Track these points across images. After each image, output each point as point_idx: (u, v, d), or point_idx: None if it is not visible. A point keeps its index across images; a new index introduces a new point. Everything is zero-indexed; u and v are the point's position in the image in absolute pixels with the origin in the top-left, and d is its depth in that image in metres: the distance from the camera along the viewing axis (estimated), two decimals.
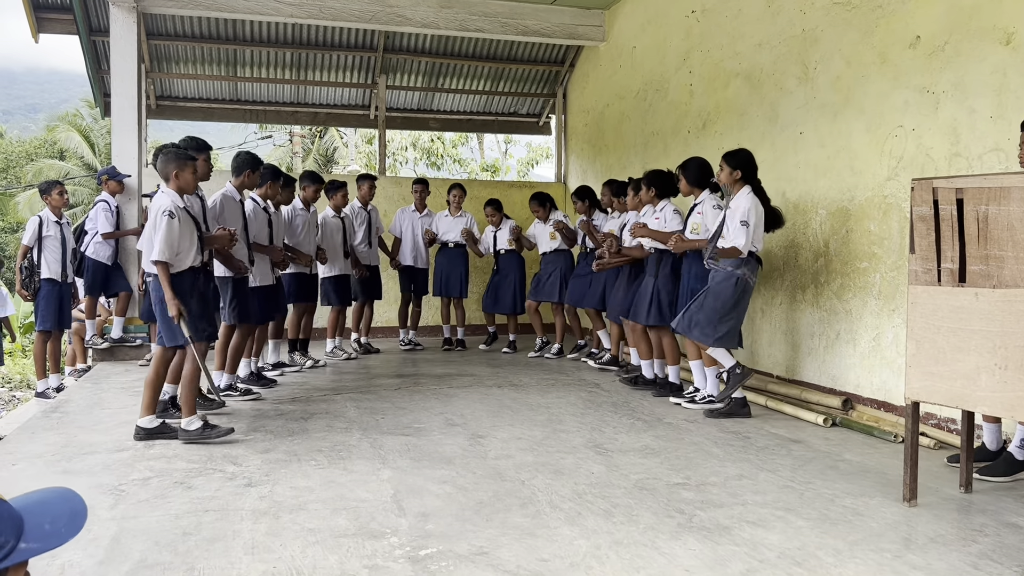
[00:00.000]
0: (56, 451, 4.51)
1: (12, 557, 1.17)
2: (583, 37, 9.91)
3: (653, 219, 6.25)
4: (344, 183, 7.94)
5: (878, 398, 5.39)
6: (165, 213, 4.58)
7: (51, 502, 1.27)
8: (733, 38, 7.16)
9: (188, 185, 4.82)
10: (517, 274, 8.54)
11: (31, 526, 1.21)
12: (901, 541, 3.21)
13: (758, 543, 3.14)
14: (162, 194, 4.75)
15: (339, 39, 10.62)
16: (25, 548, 1.19)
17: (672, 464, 4.28)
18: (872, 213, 5.48)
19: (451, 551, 3.03)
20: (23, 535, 1.19)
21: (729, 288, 5.29)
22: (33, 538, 1.20)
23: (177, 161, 4.77)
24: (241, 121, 12.61)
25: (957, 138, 4.80)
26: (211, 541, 3.12)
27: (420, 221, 8.70)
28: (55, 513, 1.25)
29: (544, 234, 8.31)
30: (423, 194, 8.73)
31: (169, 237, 4.57)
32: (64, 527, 1.25)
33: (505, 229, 8.53)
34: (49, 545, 1.22)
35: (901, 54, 5.26)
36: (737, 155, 5.35)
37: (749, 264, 5.31)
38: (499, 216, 8.57)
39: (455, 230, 8.68)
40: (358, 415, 5.44)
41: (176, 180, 4.76)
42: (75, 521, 1.27)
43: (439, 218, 8.80)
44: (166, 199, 4.68)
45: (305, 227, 7.22)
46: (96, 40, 9.74)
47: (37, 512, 1.24)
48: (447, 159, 30.37)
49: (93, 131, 29.40)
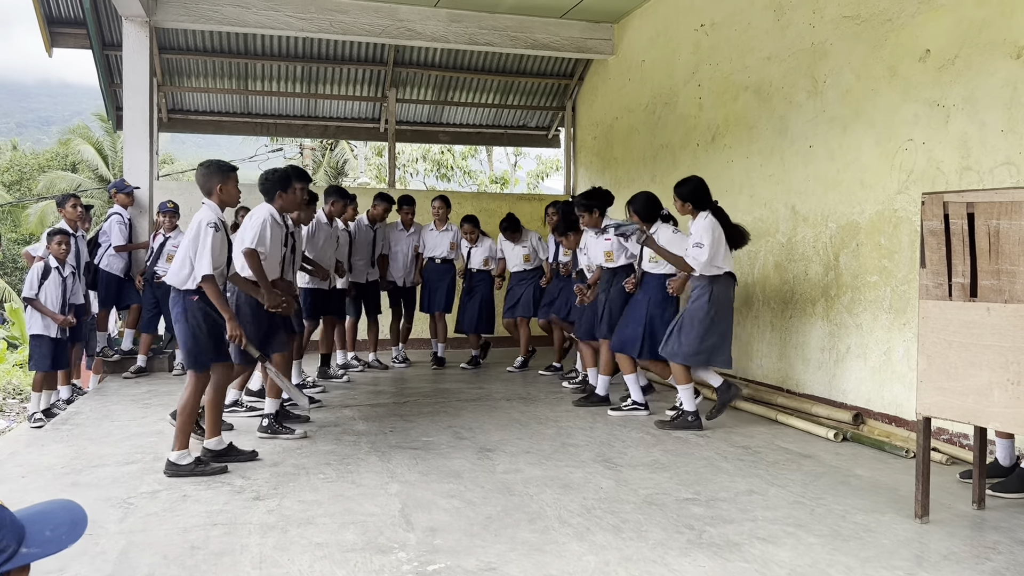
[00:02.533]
0: (65, 463, 4.52)
1: (13, 561, 1.23)
2: (592, 50, 9.94)
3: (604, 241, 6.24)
4: (353, 196, 7.90)
5: (889, 412, 5.36)
6: (210, 225, 4.38)
7: (53, 512, 1.34)
8: (742, 51, 7.16)
9: (232, 198, 4.63)
10: (486, 293, 8.40)
11: (32, 532, 1.27)
12: (913, 558, 3.18)
13: (768, 560, 3.12)
14: (204, 208, 4.54)
15: (349, 53, 10.68)
16: (26, 553, 1.25)
17: (682, 479, 4.26)
18: (882, 227, 5.46)
19: (459, 567, 3.02)
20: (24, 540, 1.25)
21: (703, 306, 5.36)
22: (34, 543, 1.26)
23: (220, 174, 4.59)
24: (252, 134, 12.68)
25: (968, 152, 4.78)
26: (219, 555, 3.12)
27: (408, 240, 8.48)
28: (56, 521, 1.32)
29: (516, 255, 8.20)
30: (409, 213, 8.42)
31: (214, 250, 4.37)
32: (65, 534, 1.31)
33: (482, 247, 8.39)
34: (48, 551, 1.28)
35: (911, 67, 5.25)
36: (686, 184, 5.48)
37: (719, 282, 5.38)
38: (476, 233, 8.38)
39: (442, 245, 8.47)
40: (366, 428, 5.44)
41: (220, 193, 4.56)
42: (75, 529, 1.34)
43: (424, 232, 8.56)
44: (210, 213, 4.48)
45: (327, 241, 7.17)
46: (109, 54, 9.83)
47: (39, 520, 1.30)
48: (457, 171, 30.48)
49: (105, 144, 29.62)
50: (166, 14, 8.55)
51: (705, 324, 5.37)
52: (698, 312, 5.37)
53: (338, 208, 7.23)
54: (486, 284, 8.44)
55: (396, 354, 8.77)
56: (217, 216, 4.49)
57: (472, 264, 8.44)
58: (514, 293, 8.26)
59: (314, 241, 6.98)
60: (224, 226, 4.52)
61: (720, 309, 5.41)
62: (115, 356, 8.04)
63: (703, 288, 5.40)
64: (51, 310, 7.11)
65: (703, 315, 5.36)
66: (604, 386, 6.36)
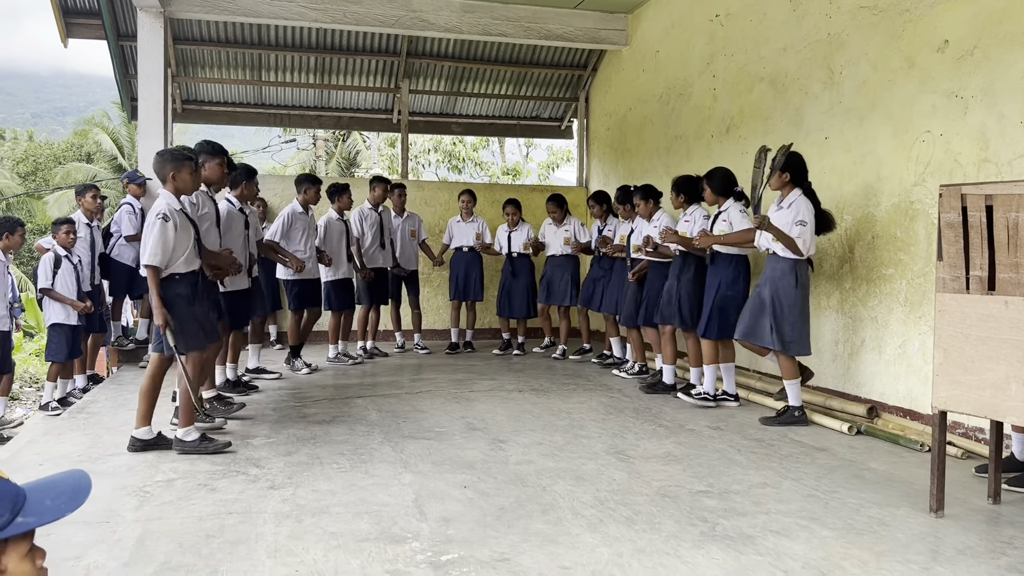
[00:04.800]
0: (82, 452, 4.56)
1: (8, 530, 1.23)
2: (606, 41, 9.89)
3: (683, 222, 6.31)
4: (347, 186, 7.93)
5: (904, 406, 5.33)
6: (159, 216, 4.40)
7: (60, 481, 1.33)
8: (757, 42, 7.11)
9: (186, 186, 4.62)
10: (530, 278, 8.57)
11: (32, 502, 1.27)
12: (928, 553, 3.16)
13: (782, 553, 3.11)
14: (159, 197, 4.57)
15: (362, 44, 10.68)
16: (21, 522, 1.24)
17: (695, 471, 4.25)
18: (898, 219, 5.42)
19: (472, 557, 3.03)
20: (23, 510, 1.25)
21: (792, 292, 5.22)
22: (31, 512, 1.26)
23: (174, 162, 4.59)
24: (265, 125, 12.72)
25: (986, 143, 4.74)
26: (234, 544, 3.14)
27: (404, 224, 8.68)
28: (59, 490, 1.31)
29: (558, 238, 8.31)
30: (401, 197, 8.67)
31: (163, 241, 4.38)
32: (64, 503, 1.30)
33: (522, 232, 8.54)
34: (45, 519, 1.27)
35: (929, 58, 5.20)
36: (790, 159, 5.26)
37: (802, 265, 5.27)
38: (518, 216, 8.58)
39: (468, 235, 8.73)
40: (379, 419, 5.46)
41: (173, 181, 4.56)
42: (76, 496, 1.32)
43: (452, 223, 8.90)
44: (162, 202, 4.51)
45: (304, 231, 7.22)
46: (124, 45, 9.87)
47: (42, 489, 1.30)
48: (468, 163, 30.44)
49: (121, 135, 29.76)
50: (180, 5, 8.56)
51: (803, 310, 5.26)
52: (788, 298, 5.22)
53: (311, 195, 7.24)
54: (529, 269, 8.57)
55: (405, 341, 8.88)
56: (169, 206, 4.49)
57: (513, 248, 8.55)
58: (552, 279, 8.34)
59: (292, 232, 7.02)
60: (180, 214, 4.53)
61: (807, 294, 5.32)
62: (130, 345, 8.09)
63: (785, 272, 5.23)
64: (69, 297, 7.17)
65: (800, 301, 5.24)
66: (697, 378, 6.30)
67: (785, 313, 5.24)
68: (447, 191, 10.65)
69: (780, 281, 5.25)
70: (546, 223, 8.50)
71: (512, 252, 8.57)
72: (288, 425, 5.25)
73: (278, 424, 5.28)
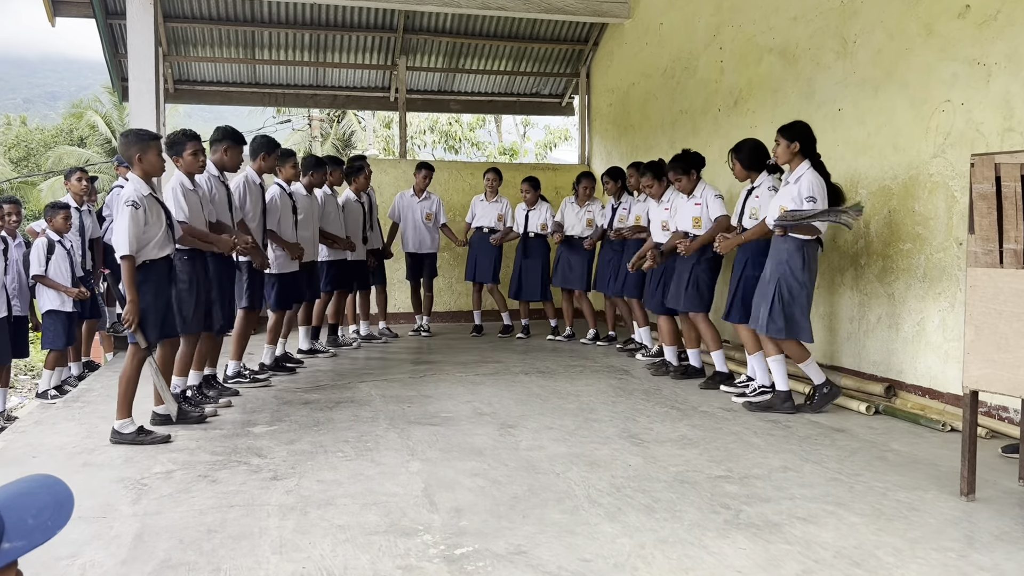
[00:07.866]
0: (77, 443, 4.40)
1: None
2: (608, 14, 9.64)
3: (693, 205, 5.99)
4: (363, 166, 7.71)
5: (923, 385, 5.18)
6: (128, 203, 4.23)
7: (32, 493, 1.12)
8: (766, 12, 6.90)
9: (154, 168, 4.44)
10: (544, 259, 8.30)
11: (13, 522, 1.06)
12: (964, 539, 3.02)
13: (811, 541, 2.97)
14: (127, 182, 4.39)
15: (358, 20, 10.42)
16: (10, 548, 1.04)
17: (712, 455, 4.11)
18: (917, 192, 5.25)
19: (488, 550, 2.88)
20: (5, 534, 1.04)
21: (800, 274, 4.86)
22: (17, 536, 1.05)
23: (139, 143, 4.40)
24: (260, 104, 12.47)
25: (1011, 112, 4.56)
26: (237, 539, 2.99)
27: (420, 206, 8.39)
28: (39, 505, 1.10)
29: (580, 220, 7.97)
30: (426, 179, 8.40)
31: (134, 228, 4.22)
32: (50, 519, 1.10)
33: (540, 211, 8.23)
34: (35, 542, 1.07)
35: (949, 24, 5.01)
36: (794, 127, 4.98)
37: (811, 246, 4.91)
38: (535, 195, 8.23)
39: (490, 215, 8.47)
40: (384, 404, 5.31)
41: (140, 164, 4.38)
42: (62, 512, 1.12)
43: (475, 203, 8.63)
44: (130, 187, 4.33)
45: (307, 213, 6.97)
46: (113, 23, 9.60)
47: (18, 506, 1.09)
48: (465, 143, 30.18)
49: (113, 118, 29.41)
50: None
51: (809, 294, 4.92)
52: (795, 282, 4.86)
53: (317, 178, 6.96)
54: (544, 250, 8.30)
55: (419, 324, 8.69)
56: (137, 192, 4.31)
57: (530, 228, 8.27)
58: (568, 261, 8.05)
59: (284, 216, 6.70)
60: (149, 199, 4.35)
61: (814, 278, 4.99)
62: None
63: (792, 252, 4.86)
64: (63, 284, 6.99)
65: (808, 285, 4.90)
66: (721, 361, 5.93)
67: (795, 296, 4.87)
68: (445, 170, 10.41)
69: (787, 263, 4.90)
70: (567, 201, 8.14)
71: (529, 232, 8.27)
72: (290, 412, 5.10)
73: (279, 411, 5.12)
